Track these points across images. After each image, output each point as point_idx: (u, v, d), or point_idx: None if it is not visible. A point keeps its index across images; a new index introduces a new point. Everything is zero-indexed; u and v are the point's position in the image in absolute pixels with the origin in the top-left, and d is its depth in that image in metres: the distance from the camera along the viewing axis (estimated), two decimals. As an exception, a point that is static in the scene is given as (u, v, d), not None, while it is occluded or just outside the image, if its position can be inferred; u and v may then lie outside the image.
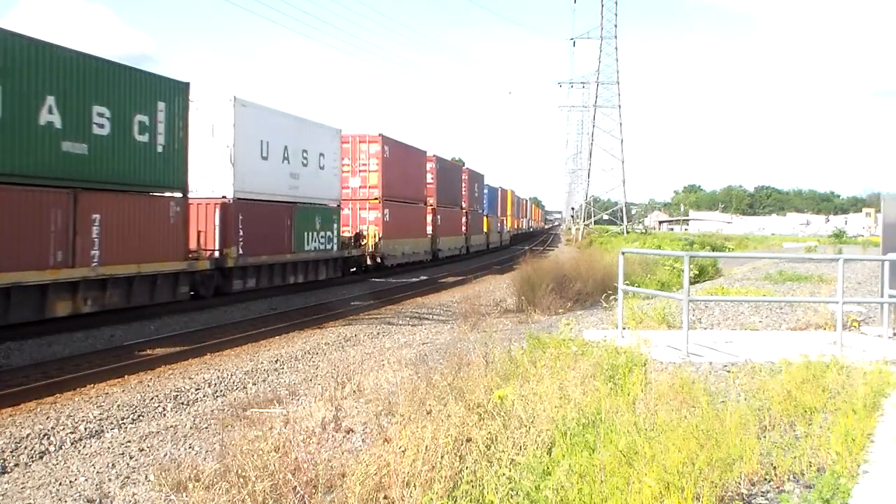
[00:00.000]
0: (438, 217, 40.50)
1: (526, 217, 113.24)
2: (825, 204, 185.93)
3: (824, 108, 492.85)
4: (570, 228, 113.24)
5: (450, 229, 43.59)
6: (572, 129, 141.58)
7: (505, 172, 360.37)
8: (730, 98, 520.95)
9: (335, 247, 26.76)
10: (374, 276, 30.04)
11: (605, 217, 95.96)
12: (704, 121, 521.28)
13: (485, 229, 56.84)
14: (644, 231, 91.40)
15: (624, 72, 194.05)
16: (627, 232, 75.62)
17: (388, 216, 31.30)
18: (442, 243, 41.38)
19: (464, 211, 48.23)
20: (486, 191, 57.92)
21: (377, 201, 30.80)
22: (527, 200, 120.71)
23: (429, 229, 39.13)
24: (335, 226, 26.78)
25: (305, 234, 24.39)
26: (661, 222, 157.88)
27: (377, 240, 30.30)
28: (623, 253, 11.22)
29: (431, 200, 39.57)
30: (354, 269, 29.93)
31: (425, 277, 30.21)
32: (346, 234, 29.32)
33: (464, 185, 48.51)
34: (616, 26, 76.11)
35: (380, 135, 30.91)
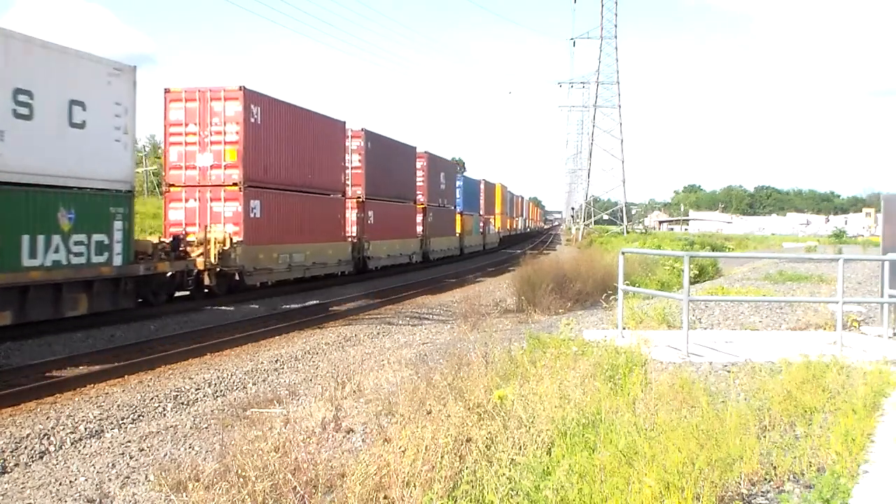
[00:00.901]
0: (370, 213, 30.61)
1: (522, 216, 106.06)
2: (825, 204, 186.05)
3: (824, 108, 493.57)
4: (570, 228, 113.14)
5: (393, 230, 33.41)
6: (572, 129, 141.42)
7: (505, 172, 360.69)
8: (730, 98, 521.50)
9: (118, 259, 16.11)
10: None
11: (605, 217, 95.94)
12: (704, 121, 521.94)
13: (458, 230, 47.16)
14: (644, 231, 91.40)
15: (624, 72, 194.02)
16: (627, 232, 75.57)
17: (257, 211, 21.81)
18: (376, 249, 31.02)
19: (420, 207, 38.33)
20: (459, 183, 48.69)
21: (236, 188, 21.04)
22: (522, 198, 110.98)
23: (352, 230, 29.49)
24: (119, 224, 16.17)
25: (28, 238, 13.70)
26: (661, 222, 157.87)
27: (228, 247, 19.96)
28: (623, 253, 11.22)
29: (357, 191, 29.88)
30: (188, 292, 19.79)
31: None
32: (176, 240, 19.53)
33: (421, 172, 38.38)
34: (616, 26, 76.01)
35: (241, 88, 21.10)
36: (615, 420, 5.43)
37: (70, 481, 7.29)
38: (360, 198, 30.01)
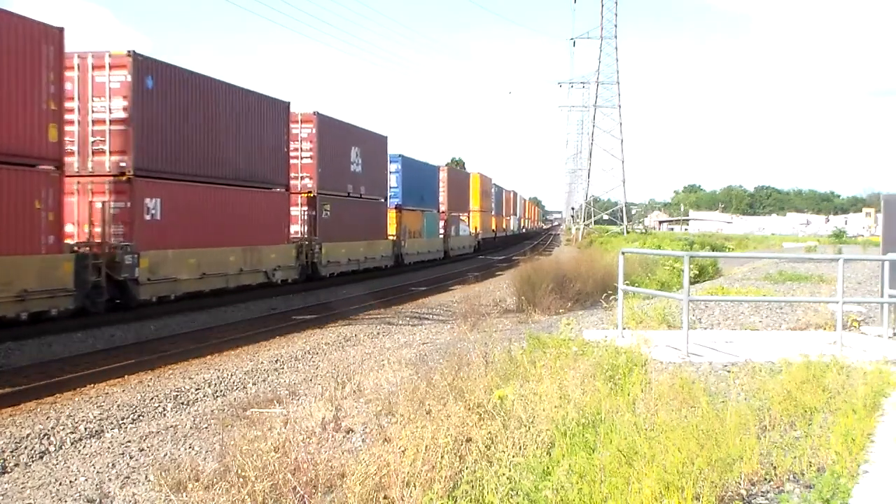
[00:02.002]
0: (152, 203, 17.49)
1: (515, 215, 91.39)
2: (825, 204, 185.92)
3: (824, 108, 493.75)
4: (570, 228, 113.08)
5: (224, 233, 20.26)
6: (572, 129, 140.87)
7: (505, 172, 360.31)
8: (729, 98, 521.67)
9: None
10: None
11: (605, 217, 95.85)
12: (704, 121, 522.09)
13: (391, 231, 34.56)
14: (644, 231, 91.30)
15: (624, 72, 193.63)
16: (627, 232, 75.54)
17: None
18: (166, 266, 17.75)
19: (305, 196, 26.16)
20: (397, 167, 35.63)
21: None
22: (514, 193, 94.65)
23: (113, 230, 16.72)
24: None
25: None
26: (661, 222, 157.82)
27: None
28: (623, 253, 11.21)
29: (122, 163, 16.88)
30: None
31: None
32: None
33: (307, 144, 26.13)
34: (616, 26, 75.85)
35: None
36: (615, 420, 5.43)
37: (70, 481, 7.29)
38: (124, 174, 16.83)
